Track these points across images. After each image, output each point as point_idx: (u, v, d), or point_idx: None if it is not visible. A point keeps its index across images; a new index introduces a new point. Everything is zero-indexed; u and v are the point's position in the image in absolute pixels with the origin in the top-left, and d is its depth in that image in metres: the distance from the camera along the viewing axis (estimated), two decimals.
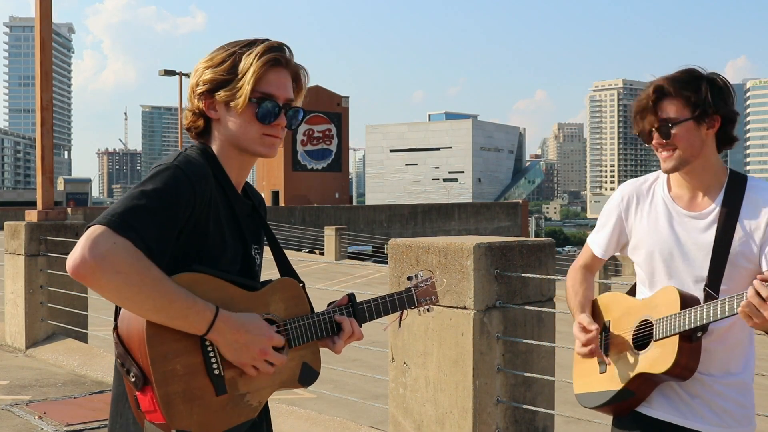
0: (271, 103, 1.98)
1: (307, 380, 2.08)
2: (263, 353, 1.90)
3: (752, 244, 2.37)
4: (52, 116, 8.79)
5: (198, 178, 1.89)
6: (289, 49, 2.04)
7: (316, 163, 66.15)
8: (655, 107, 2.38)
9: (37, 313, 8.24)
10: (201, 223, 1.90)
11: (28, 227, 8.23)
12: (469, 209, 55.90)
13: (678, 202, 2.47)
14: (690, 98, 2.34)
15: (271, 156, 2.05)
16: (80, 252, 1.72)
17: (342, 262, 25.66)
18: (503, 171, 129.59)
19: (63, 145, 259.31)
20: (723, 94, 2.38)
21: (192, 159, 1.94)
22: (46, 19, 8.72)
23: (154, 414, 1.80)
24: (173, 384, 1.80)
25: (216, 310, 1.83)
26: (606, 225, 2.63)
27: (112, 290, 1.74)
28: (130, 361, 1.81)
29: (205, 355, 1.85)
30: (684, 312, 2.29)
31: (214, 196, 1.93)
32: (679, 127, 2.35)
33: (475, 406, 3.80)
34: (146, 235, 1.76)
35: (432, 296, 2.32)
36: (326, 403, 6.72)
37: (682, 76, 2.39)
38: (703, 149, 2.38)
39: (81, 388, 6.76)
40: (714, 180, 2.43)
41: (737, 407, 2.42)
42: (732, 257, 2.37)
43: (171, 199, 1.82)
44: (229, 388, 1.89)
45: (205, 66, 2.00)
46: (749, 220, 2.37)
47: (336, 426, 5.20)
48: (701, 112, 2.34)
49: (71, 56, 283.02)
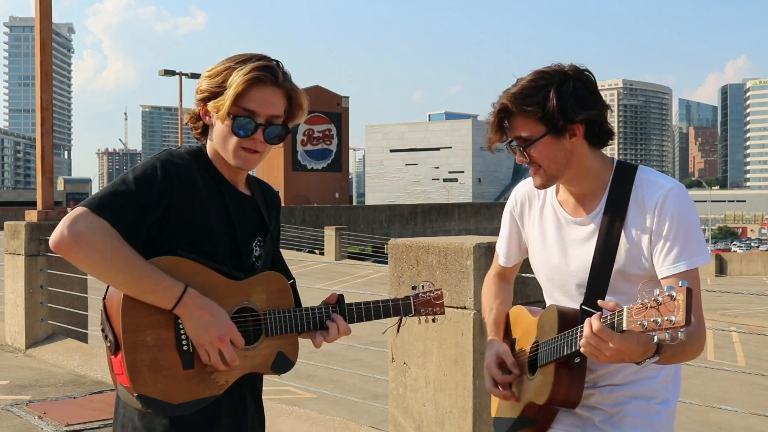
0: (246, 120, 2.09)
1: (281, 368, 2.18)
2: (221, 339, 2.01)
3: (640, 251, 2.10)
4: (52, 116, 8.80)
5: (176, 171, 2.04)
6: (282, 68, 2.14)
7: (316, 163, 66.15)
8: (502, 127, 2.15)
9: (37, 313, 8.24)
10: (185, 213, 2.04)
11: (28, 227, 8.23)
12: (469, 209, 55.91)
13: (564, 206, 2.25)
14: (536, 114, 2.07)
15: (245, 168, 2.17)
16: (61, 228, 1.93)
17: (342, 262, 25.67)
18: (503, 171, 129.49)
19: (63, 145, 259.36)
20: (578, 96, 2.08)
21: (175, 154, 2.11)
22: (46, 19, 8.72)
23: (122, 377, 1.99)
24: (141, 353, 1.97)
25: (185, 287, 1.99)
26: (504, 231, 2.46)
27: (88, 264, 1.95)
28: (109, 328, 2.02)
29: (177, 331, 2.01)
30: (559, 337, 2.08)
31: (199, 189, 2.07)
32: (535, 147, 2.11)
33: (475, 406, 3.80)
34: (122, 217, 1.95)
35: (435, 308, 2.41)
36: (326, 403, 6.72)
37: (526, 88, 2.10)
38: (572, 159, 2.13)
39: (81, 388, 6.76)
40: (596, 182, 2.18)
41: (644, 414, 2.15)
42: (619, 268, 2.12)
43: (147, 185, 1.99)
44: (197, 365, 2.03)
45: (205, 75, 2.16)
46: (635, 223, 2.11)
47: (336, 426, 5.20)
48: (552, 125, 2.07)
49: (71, 56, 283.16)
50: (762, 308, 19.37)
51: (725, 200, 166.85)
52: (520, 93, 2.09)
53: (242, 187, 2.24)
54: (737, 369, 10.14)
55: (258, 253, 2.23)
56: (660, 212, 2.07)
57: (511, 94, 2.11)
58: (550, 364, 2.11)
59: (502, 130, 2.15)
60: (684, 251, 2.05)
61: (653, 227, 2.08)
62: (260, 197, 2.30)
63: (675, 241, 2.05)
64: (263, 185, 2.37)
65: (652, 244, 2.09)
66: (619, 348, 1.81)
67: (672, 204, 2.07)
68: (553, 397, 2.10)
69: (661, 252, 2.07)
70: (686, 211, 2.08)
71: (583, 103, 2.08)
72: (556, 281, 2.26)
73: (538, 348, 2.19)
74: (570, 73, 2.10)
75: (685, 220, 2.07)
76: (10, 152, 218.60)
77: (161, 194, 2.00)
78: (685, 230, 2.06)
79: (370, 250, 36.65)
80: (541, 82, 2.09)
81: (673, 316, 1.67)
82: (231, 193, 2.17)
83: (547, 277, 2.30)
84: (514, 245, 2.44)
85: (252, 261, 2.20)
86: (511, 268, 2.50)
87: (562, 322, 2.12)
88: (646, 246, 2.09)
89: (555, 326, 2.13)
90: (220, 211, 2.12)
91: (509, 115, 2.12)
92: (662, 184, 2.10)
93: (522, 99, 2.09)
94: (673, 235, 2.06)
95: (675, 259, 2.05)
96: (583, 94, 2.09)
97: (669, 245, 2.06)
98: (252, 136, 2.10)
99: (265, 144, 2.13)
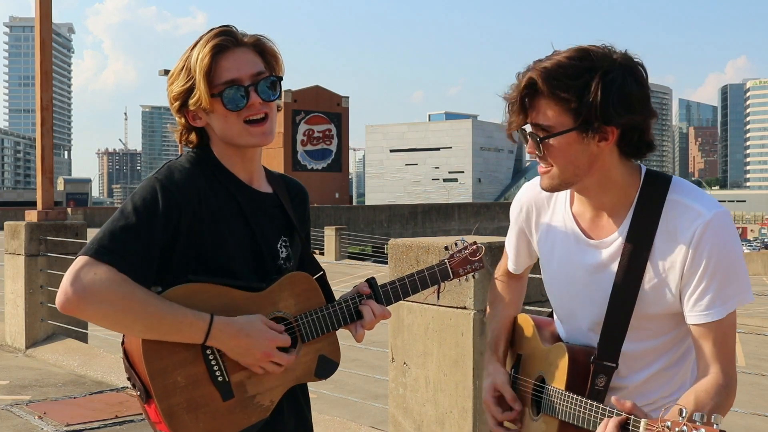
0: (233, 88, 1.89)
1: (325, 372, 2.03)
2: (267, 355, 1.87)
3: (668, 288, 1.76)
4: (52, 116, 8.79)
5: (179, 187, 1.86)
6: (234, 29, 1.94)
7: (316, 163, 66.17)
8: (524, 106, 1.75)
9: (37, 313, 8.23)
10: (194, 229, 1.87)
11: (28, 227, 8.23)
12: (469, 209, 55.91)
13: (580, 221, 1.88)
14: (570, 102, 1.68)
15: (262, 143, 1.96)
16: (64, 288, 1.75)
17: (342, 262, 25.65)
18: (503, 171, 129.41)
19: (63, 145, 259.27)
20: (625, 94, 1.68)
21: (175, 169, 1.91)
22: (46, 19, 8.72)
23: (161, 425, 1.84)
24: (175, 396, 1.81)
25: (210, 318, 1.81)
26: (511, 238, 2.16)
27: (101, 318, 1.77)
28: (134, 376, 1.85)
29: (208, 363, 1.84)
30: (568, 398, 1.80)
31: (206, 199, 1.89)
32: (555, 140, 1.73)
33: (475, 406, 3.80)
34: (127, 257, 1.77)
35: (474, 263, 2.15)
36: (326, 403, 6.71)
37: (563, 67, 1.69)
38: (594, 166, 1.75)
39: (81, 388, 6.76)
40: (619, 197, 1.80)
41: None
42: (642, 307, 1.78)
43: (149, 213, 1.81)
44: (237, 392, 1.87)
45: (169, 82, 1.97)
46: (663, 255, 1.75)
47: (336, 426, 5.20)
48: (584, 121, 1.68)
49: (71, 56, 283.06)
50: (762, 308, 19.37)
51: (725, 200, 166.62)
52: (556, 71, 1.69)
53: (260, 185, 2.05)
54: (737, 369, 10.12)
55: (285, 255, 2.05)
56: (697, 248, 1.71)
57: (543, 68, 1.70)
58: (555, 419, 1.85)
59: (525, 112, 1.76)
60: (720, 295, 1.72)
61: (686, 264, 1.73)
62: (283, 194, 2.10)
63: (711, 284, 1.72)
64: (287, 180, 2.17)
65: (683, 282, 1.75)
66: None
67: (712, 239, 1.71)
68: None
69: (692, 295, 1.74)
70: (729, 247, 1.72)
71: (629, 104, 1.68)
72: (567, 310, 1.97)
73: (544, 389, 1.92)
74: (619, 62, 1.70)
75: (726, 259, 1.72)
76: (10, 152, 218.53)
77: (167, 220, 1.82)
78: (724, 271, 1.72)
79: (370, 250, 36.63)
80: (584, 63, 1.69)
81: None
82: (246, 194, 1.99)
83: (555, 305, 2.04)
84: (524, 253, 2.15)
85: (279, 264, 2.03)
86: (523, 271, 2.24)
87: (572, 370, 1.84)
88: (675, 283, 1.76)
89: (564, 372, 1.85)
90: (233, 217, 1.94)
91: (534, 93, 1.73)
92: (700, 212, 1.73)
93: (557, 79, 1.69)
94: (710, 277, 1.71)
95: (708, 306, 1.73)
96: (632, 92, 1.69)
97: (703, 288, 1.73)
98: (249, 103, 1.90)
99: (266, 104, 1.93)
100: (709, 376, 1.74)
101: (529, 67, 1.75)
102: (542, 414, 1.92)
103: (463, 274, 2.15)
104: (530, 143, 1.78)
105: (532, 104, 1.74)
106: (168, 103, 2.01)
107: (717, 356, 1.74)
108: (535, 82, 1.71)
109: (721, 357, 1.75)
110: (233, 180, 1.98)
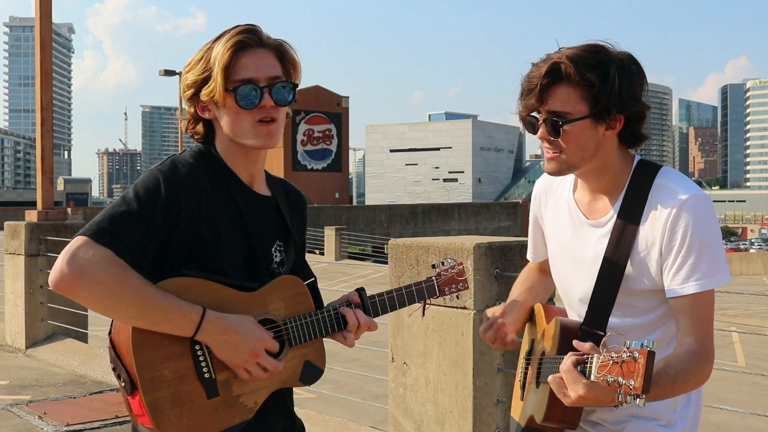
0: (249, 87, 1.90)
1: (310, 378, 2.04)
2: (254, 355, 1.86)
3: (650, 266, 1.89)
4: (52, 116, 8.79)
5: (182, 182, 1.86)
6: (259, 29, 1.96)
7: (316, 163, 66.13)
8: (543, 93, 1.86)
9: (37, 313, 8.24)
10: (192, 225, 1.87)
11: (28, 227, 8.23)
12: (469, 209, 55.87)
13: (580, 205, 2.04)
14: (592, 88, 1.81)
15: (269, 146, 1.96)
16: (59, 266, 1.74)
17: (342, 262, 25.66)
18: (503, 171, 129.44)
19: (63, 145, 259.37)
20: (634, 86, 1.86)
21: (179, 162, 1.91)
22: (46, 19, 8.72)
23: (143, 418, 1.83)
24: (160, 389, 1.80)
25: (203, 311, 1.81)
26: (530, 228, 2.29)
27: (94, 301, 1.76)
28: (120, 366, 1.83)
29: (195, 359, 1.84)
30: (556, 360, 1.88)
31: (207, 196, 1.89)
32: (572, 125, 1.85)
33: (475, 406, 3.80)
34: (126, 242, 1.76)
35: (459, 284, 2.24)
36: (326, 403, 6.72)
37: (587, 55, 1.82)
38: (598, 151, 1.91)
39: (81, 388, 6.76)
40: (614, 181, 1.96)
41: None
42: (628, 280, 1.91)
43: (151, 202, 1.81)
44: (222, 391, 1.87)
45: (186, 70, 1.99)
46: (646, 235, 1.89)
47: (336, 426, 5.20)
48: (602, 108, 1.83)
49: (71, 56, 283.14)
50: (762, 308, 19.37)
51: (725, 200, 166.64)
52: (579, 58, 1.82)
53: (260, 188, 2.05)
54: (737, 369, 10.13)
55: (279, 259, 2.05)
56: (674, 225, 1.85)
57: (567, 55, 1.82)
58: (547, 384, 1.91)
59: (542, 98, 1.86)
60: (695, 270, 1.83)
61: (665, 240, 1.86)
62: (282, 199, 2.11)
63: (686, 259, 1.83)
64: (286, 185, 2.17)
65: (662, 258, 1.87)
66: (586, 395, 1.64)
67: (687, 217, 1.83)
68: (550, 417, 1.97)
69: (670, 270, 1.86)
70: (702, 224, 1.84)
71: (638, 95, 1.86)
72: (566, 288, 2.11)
73: (542, 359, 2.06)
74: (626, 57, 1.87)
75: (700, 237, 1.83)
76: (10, 152, 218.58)
77: (167, 211, 1.82)
78: (698, 247, 1.83)
79: (370, 250, 36.63)
80: (599, 56, 1.83)
81: (633, 380, 1.51)
82: (245, 195, 1.99)
83: (557, 283, 2.19)
84: (540, 242, 2.27)
85: (273, 268, 2.03)
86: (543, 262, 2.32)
87: (562, 338, 1.97)
88: (655, 259, 1.88)
89: (556, 341, 1.99)
90: (231, 217, 1.94)
91: (554, 80, 1.84)
92: (679, 192, 1.86)
93: (584, 65, 1.81)
94: (685, 253, 1.83)
95: (683, 280, 1.84)
96: (639, 85, 1.88)
97: (679, 263, 1.84)
98: (261, 104, 1.90)
99: (278, 109, 1.93)
100: (682, 345, 1.83)
101: (546, 56, 1.87)
102: (541, 384, 2.04)
103: (448, 293, 2.24)
104: (544, 128, 1.89)
105: (550, 91, 1.85)
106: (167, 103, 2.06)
107: (692, 329, 1.84)
108: (558, 68, 1.82)
109: (696, 330, 1.84)
110: (234, 180, 1.98)
